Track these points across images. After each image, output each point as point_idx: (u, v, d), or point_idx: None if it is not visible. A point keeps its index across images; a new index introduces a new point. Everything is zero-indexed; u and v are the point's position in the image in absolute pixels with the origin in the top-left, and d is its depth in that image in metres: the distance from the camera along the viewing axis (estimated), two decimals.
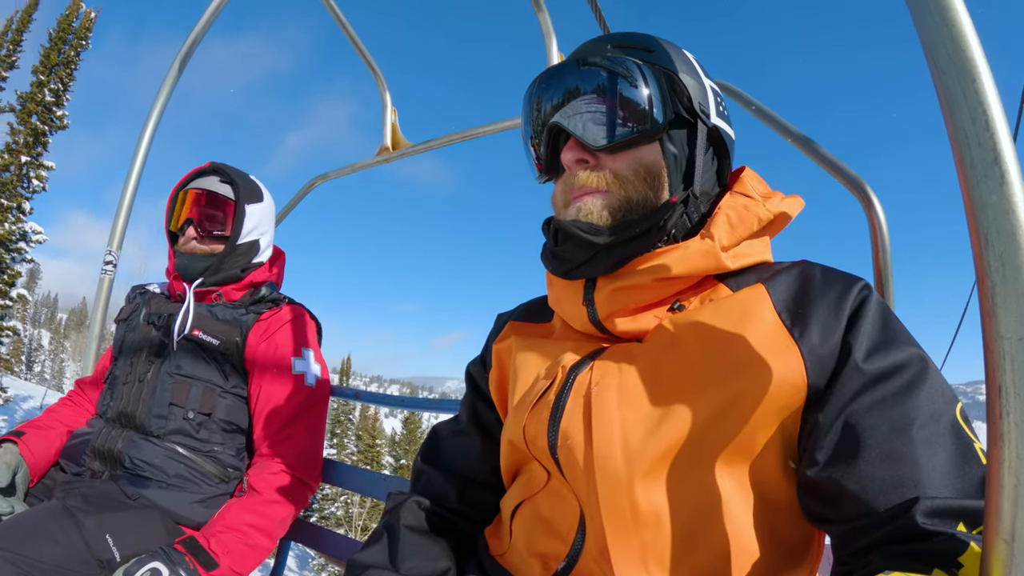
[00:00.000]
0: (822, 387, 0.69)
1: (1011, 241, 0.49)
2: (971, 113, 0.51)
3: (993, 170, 0.50)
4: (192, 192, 1.69)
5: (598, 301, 0.81)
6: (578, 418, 0.76)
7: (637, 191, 0.80)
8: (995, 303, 0.49)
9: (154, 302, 1.73)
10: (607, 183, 0.81)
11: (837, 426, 0.67)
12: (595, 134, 0.81)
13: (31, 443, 1.57)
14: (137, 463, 1.51)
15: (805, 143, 1.24)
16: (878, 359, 0.68)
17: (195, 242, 1.68)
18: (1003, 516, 0.49)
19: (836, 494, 0.65)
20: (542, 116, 0.86)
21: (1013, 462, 0.48)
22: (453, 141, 1.98)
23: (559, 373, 0.81)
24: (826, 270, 0.78)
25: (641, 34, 0.87)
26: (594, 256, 0.80)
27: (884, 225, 1.14)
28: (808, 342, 0.70)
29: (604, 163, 0.81)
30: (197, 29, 2.03)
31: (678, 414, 0.70)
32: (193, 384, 1.59)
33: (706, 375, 0.71)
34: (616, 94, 0.80)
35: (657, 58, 0.83)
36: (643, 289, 0.79)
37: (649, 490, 0.70)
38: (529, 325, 0.99)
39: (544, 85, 0.86)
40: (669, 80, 0.82)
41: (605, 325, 0.82)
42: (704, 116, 0.84)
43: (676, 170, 0.82)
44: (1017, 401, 0.48)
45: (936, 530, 0.58)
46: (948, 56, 0.52)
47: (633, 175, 0.80)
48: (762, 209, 0.81)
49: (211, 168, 1.74)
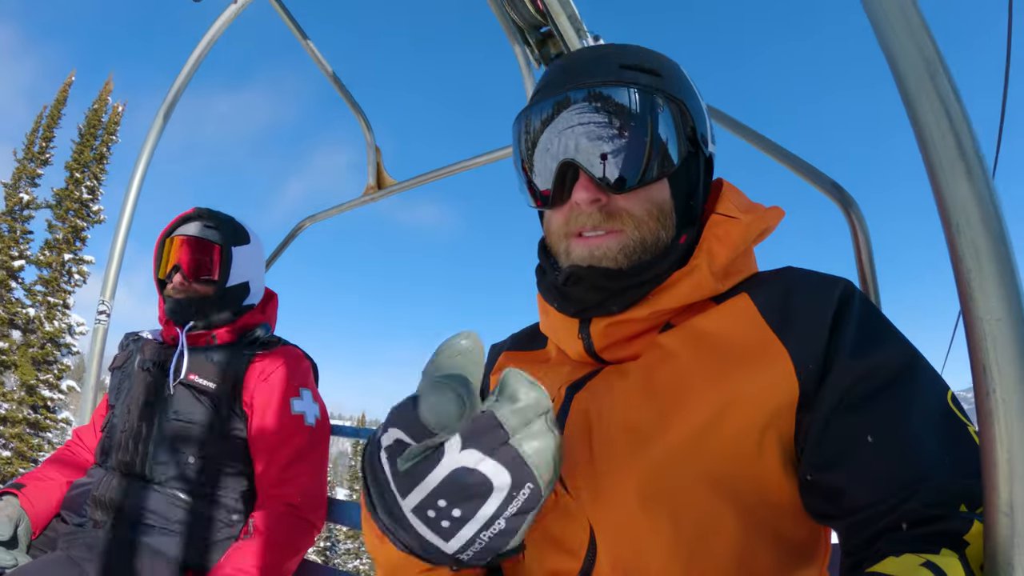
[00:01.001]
0: (812, 387, 0.70)
1: (981, 228, 0.51)
2: (932, 109, 0.54)
3: (958, 163, 0.53)
4: (178, 239, 1.70)
5: (594, 334, 0.82)
6: (578, 436, 0.77)
7: (651, 232, 0.79)
8: (972, 287, 0.51)
9: (148, 348, 1.73)
10: (620, 224, 0.78)
11: (831, 424, 0.67)
12: (611, 175, 0.76)
13: (31, 495, 1.55)
14: (139, 511, 1.49)
15: (780, 153, 1.28)
16: (866, 355, 0.69)
17: (183, 287, 1.69)
18: (1001, 490, 0.51)
19: (837, 490, 0.66)
20: (544, 146, 0.81)
21: (1004, 437, 0.50)
22: (438, 177, 2.01)
23: (558, 395, 0.82)
24: (808, 273, 0.80)
25: (646, 51, 0.84)
26: (605, 299, 0.79)
27: (866, 228, 1.17)
28: (795, 344, 0.71)
29: (616, 201, 0.78)
30: (180, 80, 2.07)
31: (674, 424, 0.71)
32: (191, 428, 1.58)
33: (698, 383, 0.72)
34: (634, 131, 0.77)
35: (668, 85, 0.80)
36: (638, 322, 0.80)
37: (651, 499, 0.70)
38: (523, 354, 1.00)
39: (544, 112, 0.80)
40: (681, 112, 0.80)
41: (600, 355, 0.83)
42: (705, 145, 0.83)
43: (681, 203, 0.83)
44: (1001, 378, 0.50)
45: (939, 513, 0.59)
46: (906, 55, 0.55)
47: (647, 215, 0.79)
48: (745, 228, 0.82)
49: (195, 213, 1.76)
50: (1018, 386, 0.50)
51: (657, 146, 0.77)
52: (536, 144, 0.82)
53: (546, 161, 0.81)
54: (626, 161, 0.76)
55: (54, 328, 18.95)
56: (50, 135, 20.70)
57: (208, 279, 1.71)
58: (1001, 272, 0.50)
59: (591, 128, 0.77)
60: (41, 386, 18.52)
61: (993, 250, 0.51)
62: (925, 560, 0.55)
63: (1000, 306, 0.50)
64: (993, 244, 0.51)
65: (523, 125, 0.84)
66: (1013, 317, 0.50)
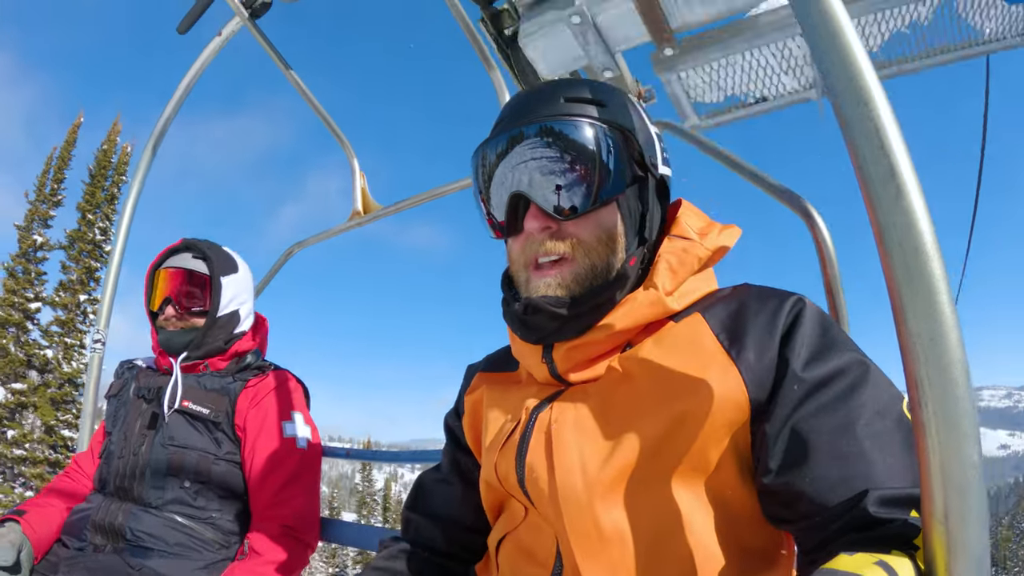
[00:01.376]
0: (764, 400, 0.73)
1: (912, 251, 0.53)
2: (865, 133, 0.56)
3: (889, 185, 0.55)
4: (167, 271, 1.74)
5: (556, 359, 0.86)
6: (541, 452, 0.81)
7: (600, 257, 0.82)
8: (904, 306, 0.54)
9: (142, 376, 1.77)
10: (571, 250, 0.82)
11: (784, 434, 0.70)
12: (558, 203, 0.81)
13: (33, 521, 1.59)
14: (138, 535, 1.53)
15: (738, 165, 1.32)
16: (817, 367, 0.72)
17: (175, 319, 1.72)
18: (935, 499, 0.53)
19: (792, 497, 0.69)
20: (500, 180, 0.85)
21: (936, 447, 0.53)
22: (423, 200, 2.04)
23: (523, 415, 0.87)
24: (761, 290, 0.83)
25: (591, 83, 0.88)
26: (562, 325, 0.83)
27: (828, 240, 1.19)
28: (745, 360, 0.74)
29: (566, 229, 0.82)
30: (167, 112, 2.12)
31: (629, 438, 0.76)
32: (187, 454, 1.61)
33: (652, 401, 0.76)
34: (578, 161, 0.81)
35: (612, 114, 0.84)
36: (597, 344, 0.84)
37: (610, 510, 0.75)
38: (497, 375, 1.04)
39: (499, 147, 0.85)
40: (624, 138, 0.84)
41: (564, 377, 0.86)
42: (654, 168, 0.87)
43: (632, 226, 0.86)
44: (932, 392, 0.53)
45: (889, 517, 0.62)
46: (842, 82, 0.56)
47: (596, 241, 0.82)
48: (700, 249, 0.85)
49: (183, 245, 1.79)
50: (948, 399, 0.52)
51: (601, 173, 0.81)
52: (491, 178, 0.87)
53: (500, 193, 0.85)
54: (572, 189, 0.81)
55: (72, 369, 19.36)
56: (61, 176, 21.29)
57: (199, 310, 1.74)
58: (931, 293, 0.53)
59: (538, 161, 0.81)
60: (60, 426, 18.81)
61: (924, 271, 0.53)
62: (878, 559, 0.57)
63: (931, 325, 0.52)
64: (924, 266, 0.53)
65: (479, 160, 0.89)
66: (943, 335, 0.52)
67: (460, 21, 1.65)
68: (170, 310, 1.71)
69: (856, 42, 0.57)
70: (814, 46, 0.59)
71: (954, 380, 0.52)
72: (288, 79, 2.02)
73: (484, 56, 1.71)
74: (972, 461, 0.53)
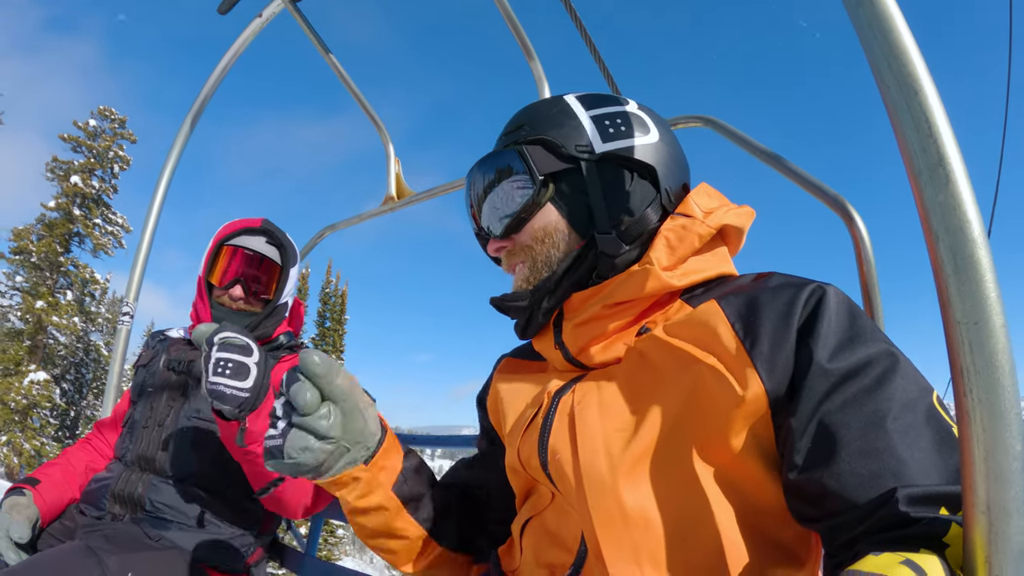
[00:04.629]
0: (783, 393, 0.71)
1: (958, 236, 0.53)
2: (915, 122, 0.56)
3: (938, 172, 0.54)
4: (243, 252, 1.72)
5: (566, 341, 0.89)
6: (564, 434, 0.82)
7: (540, 253, 0.89)
8: (950, 292, 0.53)
9: (174, 348, 1.78)
10: (522, 255, 0.92)
11: (811, 428, 0.68)
12: (496, 227, 0.93)
13: (45, 493, 1.59)
14: (157, 506, 1.54)
15: (782, 165, 1.30)
16: (843, 357, 0.70)
17: (242, 302, 1.71)
18: (978, 489, 0.52)
19: (819, 494, 0.66)
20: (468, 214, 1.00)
21: (980, 436, 0.52)
22: (454, 188, 2.05)
23: (545, 399, 0.88)
24: (782, 278, 0.81)
25: (520, 112, 0.97)
26: (531, 315, 0.91)
27: (867, 241, 1.18)
28: (759, 351, 0.73)
29: (516, 240, 0.92)
30: (205, 90, 2.16)
31: (650, 419, 0.76)
32: (213, 428, 1.61)
33: (669, 381, 0.77)
34: (496, 187, 0.92)
35: (526, 133, 0.91)
36: (600, 318, 0.86)
37: (633, 491, 0.74)
38: (524, 362, 1.06)
39: (467, 184, 0.99)
40: (543, 146, 0.89)
41: (580, 359, 0.88)
42: (586, 153, 0.87)
43: (575, 215, 0.89)
44: (977, 379, 0.52)
45: (919, 516, 0.59)
46: (891, 72, 0.56)
47: (534, 242, 0.90)
48: (702, 226, 0.84)
49: (262, 228, 1.76)
50: (994, 387, 0.51)
51: (512, 188, 0.90)
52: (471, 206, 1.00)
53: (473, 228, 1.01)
54: (500, 210, 0.92)
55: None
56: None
57: (264, 297, 1.75)
58: (977, 278, 0.52)
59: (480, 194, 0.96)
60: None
61: (970, 256, 0.52)
62: (905, 558, 0.55)
63: (976, 310, 0.52)
64: (970, 250, 0.52)
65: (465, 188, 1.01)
66: (989, 321, 0.51)
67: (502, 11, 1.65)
68: (238, 291, 1.70)
69: (903, 26, 0.57)
70: (861, 30, 0.58)
71: (999, 367, 0.52)
72: (327, 62, 2.05)
73: (525, 47, 1.71)
74: (1016, 451, 0.52)
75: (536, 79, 1.78)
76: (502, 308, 0.93)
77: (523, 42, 1.74)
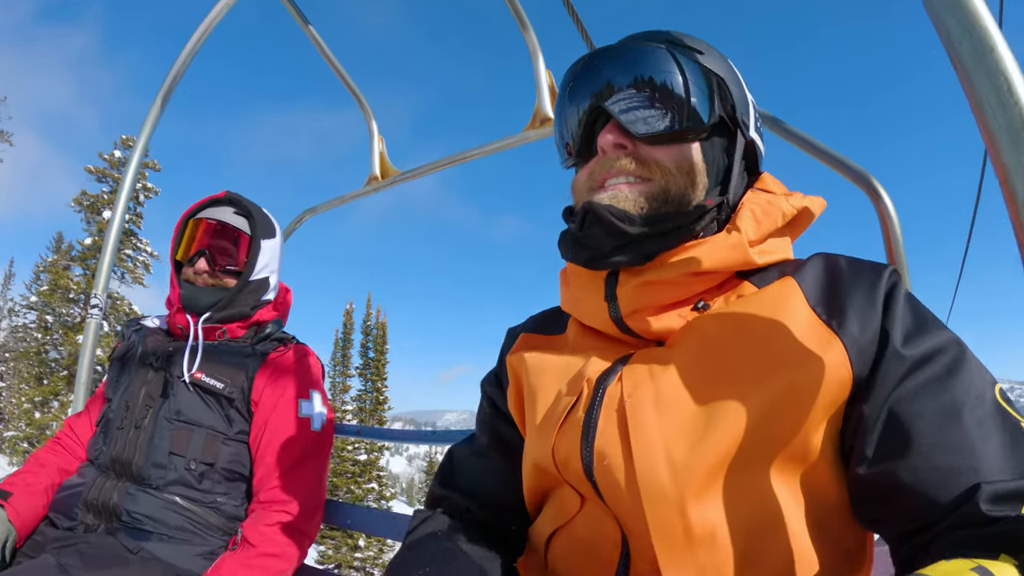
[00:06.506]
0: (865, 377, 0.67)
1: None
2: (992, 82, 0.52)
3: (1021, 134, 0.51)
4: (205, 222, 1.61)
5: (621, 297, 0.77)
6: (613, 435, 0.71)
7: (676, 184, 0.77)
8: None
9: (151, 339, 1.63)
10: (647, 170, 0.77)
11: (883, 417, 0.64)
12: (639, 121, 0.77)
13: (18, 504, 1.45)
14: (135, 516, 1.41)
15: (803, 141, 1.23)
16: (916, 344, 0.66)
17: (206, 275, 1.59)
18: None
19: (890, 489, 0.62)
20: (582, 97, 0.81)
21: None
22: (442, 166, 1.95)
23: (584, 387, 0.77)
24: (851, 259, 0.76)
25: (693, 37, 0.85)
26: (622, 246, 0.76)
27: (895, 219, 1.12)
28: (849, 332, 0.68)
29: (643, 152, 0.77)
30: (177, 67, 2.01)
31: (723, 420, 0.66)
32: (194, 431, 1.49)
33: (747, 375, 0.68)
34: (665, 85, 0.77)
35: (708, 60, 0.80)
36: (671, 285, 0.76)
37: (702, 506, 0.65)
38: (542, 337, 0.94)
39: (589, 66, 0.82)
40: (718, 84, 0.80)
41: (627, 323, 0.78)
42: (744, 127, 0.82)
43: (713, 174, 0.80)
44: None
45: (1000, 515, 0.56)
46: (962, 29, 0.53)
47: (675, 167, 0.77)
48: (785, 203, 0.79)
49: (227, 198, 1.66)
50: None
51: (685, 101, 0.77)
52: (573, 95, 0.83)
53: (577, 113, 0.82)
54: (653, 108, 0.77)
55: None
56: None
57: (233, 269, 1.62)
58: None
59: (623, 78, 0.78)
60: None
61: None
62: (977, 564, 0.52)
63: None
64: None
65: (564, 82, 0.85)
66: None
67: None
68: (202, 263, 1.58)
69: None
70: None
71: None
72: (307, 34, 1.93)
73: (519, 16, 1.61)
74: None
75: (531, 51, 1.67)
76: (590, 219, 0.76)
77: (516, 10, 1.63)
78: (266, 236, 1.65)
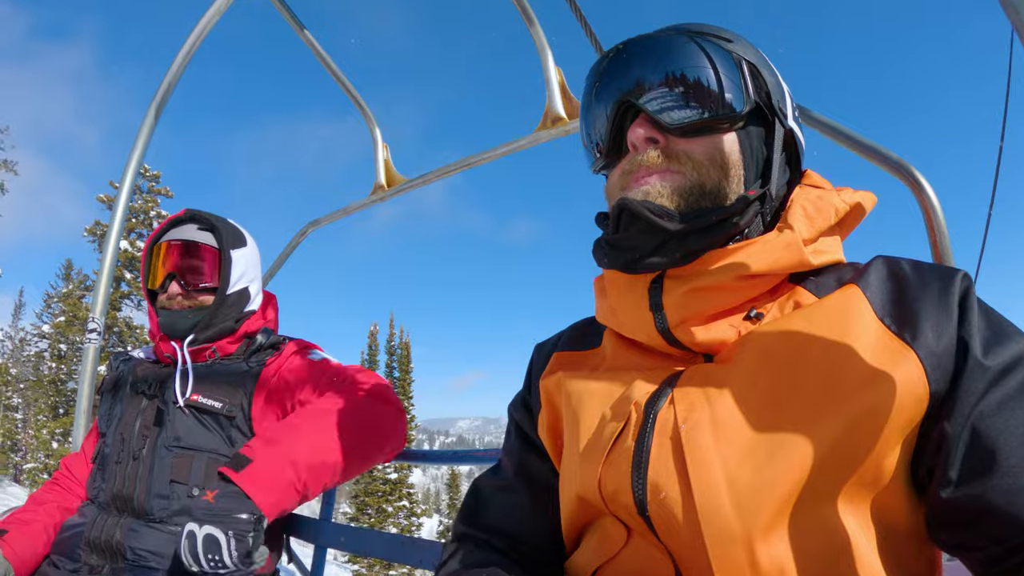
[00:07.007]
0: (943, 392, 0.61)
1: None
2: None
3: None
4: (167, 244, 1.55)
5: (668, 305, 0.71)
6: (668, 466, 0.64)
7: (710, 177, 0.71)
8: None
9: (140, 369, 1.57)
10: (679, 164, 0.72)
11: (965, 434, 0.59)
12: (669, 113, 0.72)
13: (15, 543, 1.38)
14: (140, 554, 1.33)
15: (833, 130, 1.16)
16: (997, 353, 0.61)
17: (181, 298, 1.53)
18: None
19: (978, 513, 0.57)
20: (609, 94, 0.77)
21: None
22: (450, 172, 1.88)
23: (632, 411, 0.70)
24: (914, 263, 0.70)
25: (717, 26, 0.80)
26: (662, 245, 0.70)
27: (939, 210, 1.05)
28: (924, 345, 0.62)
29: (674, 145, 0.72)
30: (171, 73, 1.94)
31: (790, 448, 0.60)
32: (195, 456, 1.42)
33: (815, 397, 0.61)
34: (694, 74, 0.72)
35: (737, 48, 0.76)
36: (722, 291, 0.69)
37: (770, 543, 0.59)
38: (576, 354, 0.87)
39: (614, 60, 0.77)
40: (751, 71, 0.75)
41: (675, 334, 0.71)
42: (782, 116, 0.77)
43: (752, 166, 0.74)
44: None
45: None
46: None
47: (708, 160, 0.72)
48: (837, 199, 0.74)
49: (187, 216, 1.60)
50: None
51: (716, 89, 0.72)
52: (599, 93, 0.78)
53: (605, 111, 0.77)
54: (684, 99, 0.72)
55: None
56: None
57: (207, 286, 1.56)
58: None
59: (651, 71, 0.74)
60: None
61: None
62: None
63: None
64: None
65: (589, 78, 0.80)
66: None
67: None
68: (175, 287, 1.52)
69: None
70: None
71: None
72: (303, 40, 1.86)
73: (524, 10, 1.55)
74: None
75: (538, 47, 1.60)
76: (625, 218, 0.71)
77: (521, 5, 1.57)
78: (235, 246, 1.59)
